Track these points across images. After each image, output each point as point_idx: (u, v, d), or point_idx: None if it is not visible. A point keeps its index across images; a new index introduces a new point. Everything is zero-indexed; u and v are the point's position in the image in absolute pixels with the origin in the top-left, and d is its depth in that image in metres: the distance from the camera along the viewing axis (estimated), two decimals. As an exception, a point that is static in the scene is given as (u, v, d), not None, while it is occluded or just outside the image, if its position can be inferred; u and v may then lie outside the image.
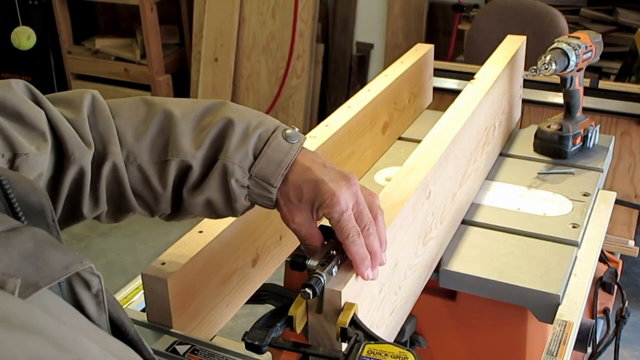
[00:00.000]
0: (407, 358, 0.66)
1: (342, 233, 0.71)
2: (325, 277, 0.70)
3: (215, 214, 0.75)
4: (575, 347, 1.01)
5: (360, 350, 0.67)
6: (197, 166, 0.72)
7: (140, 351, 0.51)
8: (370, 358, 0.66)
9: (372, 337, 0.69)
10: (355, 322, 0.71)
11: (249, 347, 0.72)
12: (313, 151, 0.78)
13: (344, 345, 0.71)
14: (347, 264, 0.74)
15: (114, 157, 0.70)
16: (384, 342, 0.68)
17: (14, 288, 0.41)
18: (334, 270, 0.72)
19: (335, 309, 0.71)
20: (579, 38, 1.34)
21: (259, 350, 0.71)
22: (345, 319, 0.70)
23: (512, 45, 1.50)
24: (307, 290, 0.69)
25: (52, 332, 0.39)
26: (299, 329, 0.72)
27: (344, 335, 0.70)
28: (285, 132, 0.76)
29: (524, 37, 1.56)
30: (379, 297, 0.82)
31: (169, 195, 0.73)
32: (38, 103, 0.67)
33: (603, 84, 2.16)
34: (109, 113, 0.74)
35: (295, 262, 0.75)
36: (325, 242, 0.75)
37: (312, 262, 0.72)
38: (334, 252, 0.73)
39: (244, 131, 0.73)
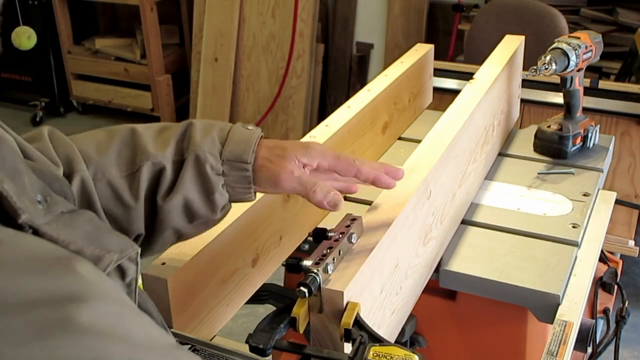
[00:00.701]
0: None
1: (348, 161, 0.75)
2: (320, 275, 0.70)
3: (194, 218, 0.74)
4: (575, 347, 1.01)
5: (365, 353, 0.67)
6: (168, 166, 0.71)
7: None
8: None
9: (376, 339, 0.69)
10: (359, 323, 0.71)
11: (253, 350, 0.72)
12: None
13: (347, 346, 0.71)
14: (344, 263, 0.75)
15: (81, 173, 0.68)
16: (389, 343, 0.68)
17: (108, 265, 0.45)
18: (330, 268, 0.72)
19: (337, 309, 0.71)
20: (579, 38, 1.34)
21: (263, 353, 0.71)
22: (348, 320, 0.70)
23: (511, 45, 1.50)
24: (303, 288, 0.69)
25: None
26: (301, 329, 0.72)
27: (347, 336, 0.70)
28: (242, 125, 0.77)
29: (523, 37, 1.56)
30: (380, 298, 0.82)
31: (141, 207, 0.71)
32: None
33: (603, 84, 2.16)
34: (67, 139, 0.72)
35: (291, 265, 0.75)
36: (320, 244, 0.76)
37: (307, 262, 0.72)
38: (328, 250, 0.73)
39: (205, 127, 0.74)
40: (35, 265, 0.37)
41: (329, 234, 0.77)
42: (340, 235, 0.76)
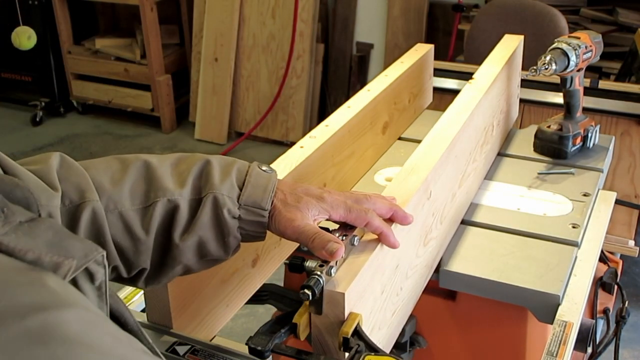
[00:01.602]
0: None
1: (359, 214, 0.76)
2: (324, 278, 0.70)
3: (205, 258, 0.74)
4: (575, 347, 1.01)
5: None
6: (184, 205, 0.71)
7: (141, 342, 0.52)
8: None
9: (373, 349, 0.70)
10: (358, 333, 0.71)
11: (252, 352, 0.72)
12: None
13: (347, 355, 0.71)
14: (345, 263, 0.75)
15: (93, 204, 0.67)
16: (384, 353, 0.68)
17: (68, 271, 0.44)
18: (333, 270, 0.72)
19: (338, 311, 0.71)
20: (579, 38, 1.34)
21: (261, 355, 0.72)
22: (348, 329, 0.70)
23: (510, 45, 1.50)
24: (307, 291, 0.69)
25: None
26: (302, 336, 0.73)
27: (345, 344, 0.71)
28: (259, 165, 0.77)
29: (522, 37, 1.56)
30: (381, 298, 0.82)
31: (151, 242, 0.70)
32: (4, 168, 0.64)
33: (603, 84, 2.16)
34: (80, 167, 0.71)
35: (294, 264, 0.75)
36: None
37: (310, 263, 0.72)
38: None
39: (223, 167, 0.75)
40: None
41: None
42: (344, 238, 0.76)
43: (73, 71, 4.01)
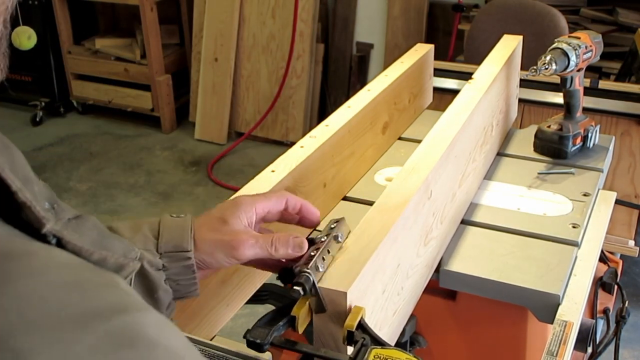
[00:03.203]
0: None
1: (280, 200, 0.77)
2: (313, 274, 0.70)
3: None
4: (576, 347, 1.01)
5: (367, 354, 0.67)
6: None
7: None
8: None
9: (379, 342, 0.69)
10: (362, 326, 0.71)
11: (250, 344, 0.72)
12: None
13: (350, 349, 0.71)
14: (347, 263, 0.75)
15: None
16: (391, 347, 0.68)
17: (130, 272, 0.45)
18: (320, 265, 0.72)
19: (340, 311, 0.71)
20: (579, 38, 1.34)
21: (260, 348, 0.71)
22: (352, 322, 0.70)
23: (509, 45, 1.50)
24: (297, 287, 0.69)
25: None
26: (301, 329, 0.72)
27: (350, 338, 0.70)
28: (170, 215, 0.73)
29: (520, 37, 1.56)
30: (382, 298, 0.82)
31: None
32: None
33: (603, 84, 2.16)
34: None
35: (284, 275, 0.75)
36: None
37: (297, 266, 0.73)
38: (316, 251, 0.74)
39: (131, 225, 0.70)
40: (73, 280, 0.36)
41: (315, 239, 0.78)
42: (325, 237, 0.77)
43: (73, 71, 4.01)
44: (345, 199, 1.24)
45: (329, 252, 0.75)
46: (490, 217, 1.21)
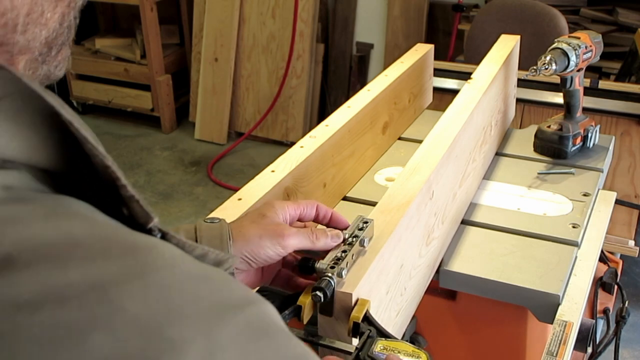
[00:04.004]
0: (420, 357, 0.66)
1: (311, 206, 0.79)
2: (335, 280, 0.70)
3: None
4: (575, 347, 1.01)
5: (373, 346, 0.67)
6: None
7: None
8: (384, 354, 0.66)
9: (384, 334, 0.69)
10: (368, 319, 0.71)
11: None
12: None
13: (355, 341, 0.71)
14: (356, 265, 0.75)
15: None
16: (397, 339, 0.68)
17: (229, 268, 0.47)
18: (344, 272, 0.72)
19: (346, 311, 0.71)
20: (579, 38, 1.34)
21: None
22: (358, 314, 0.70)
23: (507, 45, 1.51)
24: (318, 293, 0.69)
25: None
26: (306, 319, 0.72)
27: (356, 330, 0.70)
28: (206, 219, 0.74)
29: (518, 37, 1.56)
30: (386, 299, 0.82)
31: None
32: None
33: (603, 84, 2.16)
34: None
35: (304, 266, 0.75)
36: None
37: (321, 265, 0.72)
38: (343, 254, 0.74)
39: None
40: (202, 272, 0.36)
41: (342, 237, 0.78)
42: (354, 239, 0.76)
43: (73, 71, 4.01)
44: (345, 199, 1.24)
45: (353, 256, 0.75)
46: (491, 217, 1.21)
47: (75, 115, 0.38)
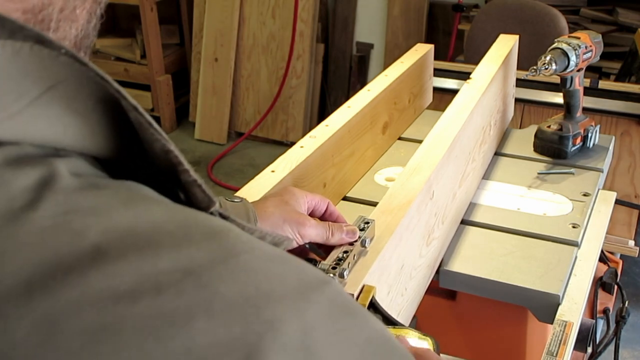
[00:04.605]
0: (427, 342, 0.66)
1: (323, 200, 0.81)
2: (337, 280, 0.70)
3: None
4: (575, 347, 1.01)
5: None
6: None
7: None
8: None
9: (391, 321, 0.69)
10: (374, 305, 0.71)
11: None
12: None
13: None
14: (358, 266, 0.75)
15: None
16: (403, 326, 0.68)
17: (285, 248, 0.47)
18: (346, 273, 0.72)
19: None
20: (579, 38, 1.34)
21: None
22: (364, 302, 0.71)
23: (506, 45, 1.51)
24: None
25: None
26: None
27: None
28: (227, 197, 0.75)
29: (517, 37, 1.57)
30: (387, 299, 0.82)
31: None
32: None
33: (603, 84, 2.16)
34: None
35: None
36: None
37: (323, 265, 0.73)
38: (345, 255, 0.74)
39: None
40: (276, 254, 0.36)
41: None
42: (354, 242, 0.77)
43: (73, 71, 4.01)
44: (345, 199, 1.24)
45: (354, 257, 0.75)
46: (491, 217, 1.21)
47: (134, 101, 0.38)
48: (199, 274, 0.31)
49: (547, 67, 1.26)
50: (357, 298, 0.72)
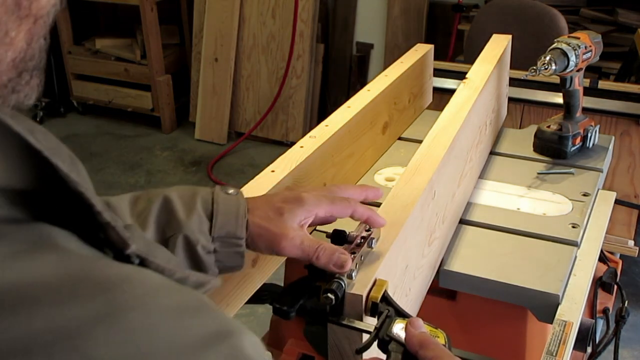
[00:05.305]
0: (438, 337, 0.67)
1: (343, 204, 0.75)
2: (345, 281, 0.70)
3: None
4: (575, 347, 1.01)
5: (391, 325, 0.67)
6: None
7: None
8: (402, 333, 0.67)
9: (403, 315, 0.70)
10: (386, 299, 0.71)
11: (276, 311, 0.72)
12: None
13: (371, 320, 0.71)
14: (364, 266, 0.75)
15: None
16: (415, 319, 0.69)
17: (208, 290, 0.47)
18: (353, 274, 0.72)
19: (357, 313, 0.71)
20: (578, 38, 1.34)
21: (287, 315, 0.71)
22: (377, 294, 0.71)
23: (500, 44, 1.51)
24: (330, 295, 0.69)
25: None
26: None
27: (374, 310, 0.71)
28: (223, 189, 0.72)
29: (510, 36, 1.57)
30: (392, 301, 0.82)
31: None
32: None
33: (603, 84, 2.16)
34: None
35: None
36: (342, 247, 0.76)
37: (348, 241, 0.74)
38: (352, 256, 0.74)
39: (185, 202, 0.69)
40: (176, 305, 0.35)
41: (349, 238, 0.78)
42: (362, 240, 0.77)
43: (73, 71, 4.01)
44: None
45: (362, 258, 0.75)
46: (490, 217, 1.21)
47: (50, 139, 0.37)
48: (71, 336, 0.30)
49: (546, 67, 1.26)
50: (370, 292, 0.72)
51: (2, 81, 0.40)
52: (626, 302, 1.30)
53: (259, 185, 0.96)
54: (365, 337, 0.71)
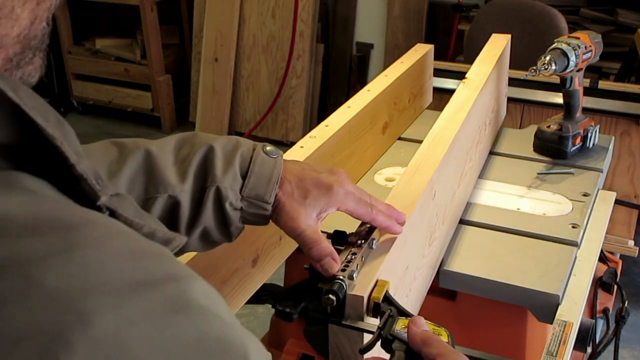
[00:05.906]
0: (441, 334, 0.67)
1: (366, 209, 0.75)
2: (347, 282, 0.70)
3: (209, 243, 0.74)
4: (575, 347, 1.01)
5: (394, 325, 0.67)
6: (186, 200, 0.69)
7: None
8: (405, 332, 0.66)
9: (405, 314, 0.70)
10: (388, 299, 0.71)
11: (279, 314, 0.72)
12: (293, 159, 0.78)
13: (372, 320, 0.71)
14: (365, 267, 0.75)
15: None
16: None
17: (176, 247, 0.48)
18: (355, 275, 0.72)
19: (358, 314, 0.71)
20: (578, 38, 1.34)
21: (289, 317, 0.71)
22: (378, 295, 0.71)
23: (499, 44, 1.51)
24: (331, 296, 0.69)
25: None
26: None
27: (376, 310, 0.71)
28: (264, 148, 0.74)
29: (509, 36, 1.57)
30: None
31: None
32: None
33: (603, 84, 2.16)
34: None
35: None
36: (342, 247, 0.76)
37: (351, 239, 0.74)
38: (353, 256, 0.74)
39: (226, 154, 0.72)
40: (131, 249, 0.37)
41: (350, 238, 0.78)
42: (363, 241, 0.76)
43: (73, 71, 4.01)
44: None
45: (362, 259, 0.75)
46: (490, 217, 1.21)
47: (36, 98, 0.40)
48: (27, 263, 0.33)
49: (546, 67, 1.26)
50: (371, 292, 0.72)
51: (8, 55, 0.43)
52: (626, 302, 1.30)
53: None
54: (367, 337, 0.71)
